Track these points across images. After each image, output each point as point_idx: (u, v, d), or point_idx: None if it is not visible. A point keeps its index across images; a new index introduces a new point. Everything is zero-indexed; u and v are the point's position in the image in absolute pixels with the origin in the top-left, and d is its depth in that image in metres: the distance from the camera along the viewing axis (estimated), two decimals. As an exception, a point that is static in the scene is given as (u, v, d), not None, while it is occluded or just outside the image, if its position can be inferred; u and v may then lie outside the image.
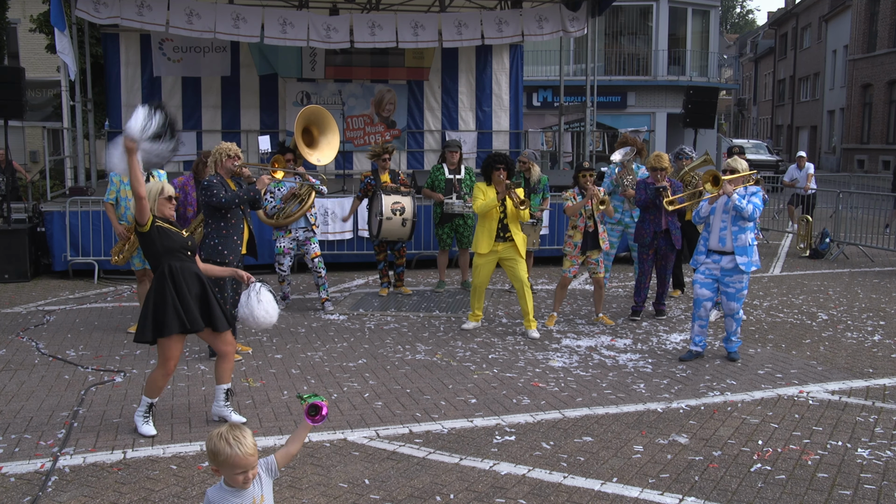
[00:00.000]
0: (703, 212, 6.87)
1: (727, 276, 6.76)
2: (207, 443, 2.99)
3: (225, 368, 5.34)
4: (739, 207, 6.58)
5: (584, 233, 7.98)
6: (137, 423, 5.15)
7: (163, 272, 5.06)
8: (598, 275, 8.11)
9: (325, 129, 8.66)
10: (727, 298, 6.83)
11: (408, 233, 9.05)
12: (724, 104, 60.13)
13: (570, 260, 8.04)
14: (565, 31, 13.09)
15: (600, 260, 8.09)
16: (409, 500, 4.23)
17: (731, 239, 6.70)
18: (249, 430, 3.03)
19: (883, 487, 4.41)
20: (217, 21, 11.67)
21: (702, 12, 30.47)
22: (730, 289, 6.78)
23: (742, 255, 6.66)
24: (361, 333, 7.79)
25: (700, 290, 6.89)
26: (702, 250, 6.90)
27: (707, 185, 6.73)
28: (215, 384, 5.37)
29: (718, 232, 6.75)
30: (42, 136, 13.82)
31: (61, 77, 11.80)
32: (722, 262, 6.76)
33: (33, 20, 18.03)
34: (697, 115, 12.61)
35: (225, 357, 5.33)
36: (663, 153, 8.28)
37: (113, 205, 7.72)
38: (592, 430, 5.24)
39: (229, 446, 2.91)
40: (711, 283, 6.85)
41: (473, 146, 15.48)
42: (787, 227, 15.79)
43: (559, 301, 8.18)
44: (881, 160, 32.43)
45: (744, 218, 6.63)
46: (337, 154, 14.31)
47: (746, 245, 6.68)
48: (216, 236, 6.69)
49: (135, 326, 7.77)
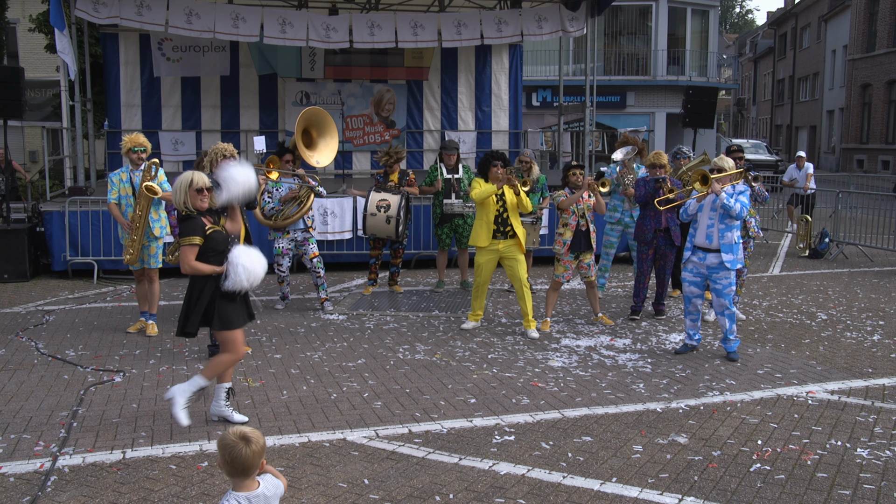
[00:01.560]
0: (691, 209, 6.93)
1: (714, 273, 6.86)
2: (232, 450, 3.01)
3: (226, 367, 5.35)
4: (727, 206, 6.66)
5: (575, 232, 7.86)
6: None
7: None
8: (589, 278, 8.07)
9: (325, 130, 8.69)
10: (716, 295, 6.90)
11: (393, 230, 9.03)
12: (724, 104, 60.14)
13: (563, 265, 7.93)
14: (564, 31, 13.09)
15: (592, 263, 8.00)
16: (409, 499, 4.23)
17: (717, 236, 6.79)
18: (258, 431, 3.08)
19: (882, 487, 4.41)
20: (216, 21, 11.66)
21: (701, 12, 30.46)
22: (717, 285, 6.86)
23: (728, 253, 6.76)
24: (361, 333, 7.79)
25: (689, 287, 7.02)
26: (689, 247, 7.01)
27: (696, 184, 6.77)
28: (216, 383, 5.37)
29: (706, 229, 6.84)
30: (41, 135, 13.83)
31: (61, 77, 11.79)
32: (707, 259, 6.85)
33: (32, 20, 18.01)
34: (697, 114, 12.62)
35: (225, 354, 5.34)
36: (662, 151, 8.32)
37: (116, 204, 7.78)
38: (592, 429, 5.24)
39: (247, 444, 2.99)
40: (700, 280, 6.98)
41: (473, 146, 15.48)
42: (786, 227, 15.80)
43: (551, 305, 8.11)
44: (880, 160, 32.44)
45: (730, 216, 6.72)
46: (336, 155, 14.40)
47: (732, 243, 6.78)
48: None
49: (135, 326, 7.82)
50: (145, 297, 7.84)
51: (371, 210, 9.02)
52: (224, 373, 5.33)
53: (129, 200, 7.69)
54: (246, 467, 2.97)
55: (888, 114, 32.54)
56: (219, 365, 5.26)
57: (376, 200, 9.05)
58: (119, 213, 7.79)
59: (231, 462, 2.96)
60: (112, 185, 7.81)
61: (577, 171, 7.88)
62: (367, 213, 9.04)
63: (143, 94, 14.19)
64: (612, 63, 29.66)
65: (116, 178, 7.80)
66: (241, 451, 2.95)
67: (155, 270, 7.72)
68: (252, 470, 3.00)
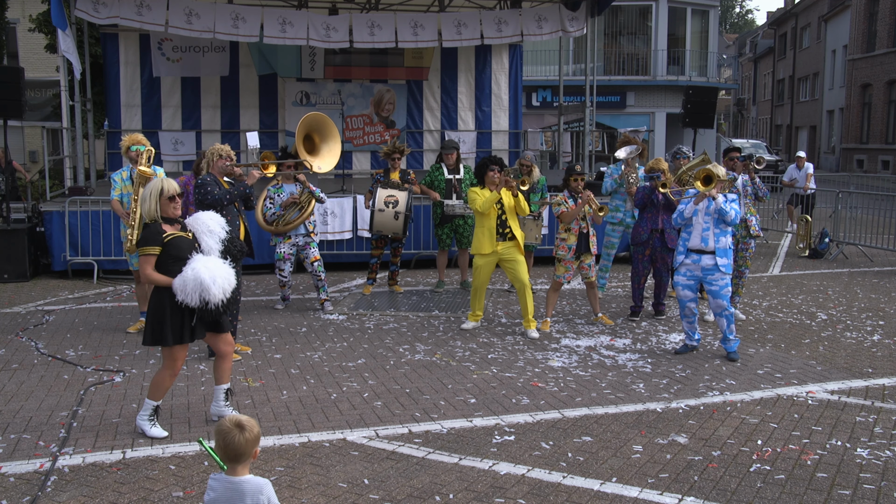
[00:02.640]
0: (687, 213, 6.95)
1: (709, 275, 6.92)
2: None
3: (224, 368, 5.34)
4: (724, 212, 6.77)
5: (577, 234, 7.89)
6: (144, 428, 5.08)
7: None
8: (590, 279, 8.07)
9: (327, 136, 8.66)
10: (713, 297, 6.93)
11: (401, 227, 9.03)
12: (724, 104, 60.13)
13: (564, 266, 7.95)
14: (564, 31, 13.09)
15: (592, 264, 8.01)
16: (409, 499, 4.23)
17: (713, 240, 6.88)
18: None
19: (882, 487, 4.41)
20: (216, 21, 11.67)
21: (701, 12, 30.46)
22: (713, 286, 6.90)
23: (723, 258, 6.89)
24: (361, 333, 7.79)
25: (683, 291, 7.07)
26: (681, 251, 7.06)
27: (698, 182, 6.77)
28: (214, 384, 5.37)
29: (701, 233, 6.92)
30: (41, 135, 13.81)
31: (61, 77, 11.78)
32: (702, 260, 6.92)
33: (32, 20, 18.01)
34: (697, 114, 12.61)
35: (224, 357, 5.32)
36: (662, 158, 8.41)
37: (119, 201, 7.99)
38: (592, 429, 5.24)
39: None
40: (693, 283, 7.04)
41: (473, 146, 15.48)
42: (786, 227, 15.80)
43: (552, 305, 8.11)
44: (880, 160, 32.44)
45: (724, 222, 6.84)
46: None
47: (727, 248, 6.93)
48: None
49: (135, 326, 7.82)
50: (145, 297, 7.83)
51: (379, 206, 8.96)
52: (222, 374, 5.33)
53: (131, 198, 7.73)
54: (238, 454, 3.02)
55: (888, 114, 32.53)
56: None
57: (384, 196, 9.00)
58: (121, 207, 7.98)
59: (224, 448, 3.02)
60: (115, 184, 8.05)
61: (580, 178, 7.86)
62: (375, 210, 8.97)
63: (143, 94, 14.20)
64: (612, 63, 29.65)
65: (118, 177, 8.05)
66: (234, 437, 3.01)
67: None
68: (244, 457, 3.04)
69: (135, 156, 7.68)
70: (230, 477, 3.04)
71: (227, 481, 3.04)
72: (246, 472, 3.08)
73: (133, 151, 7.68)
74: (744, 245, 8.17)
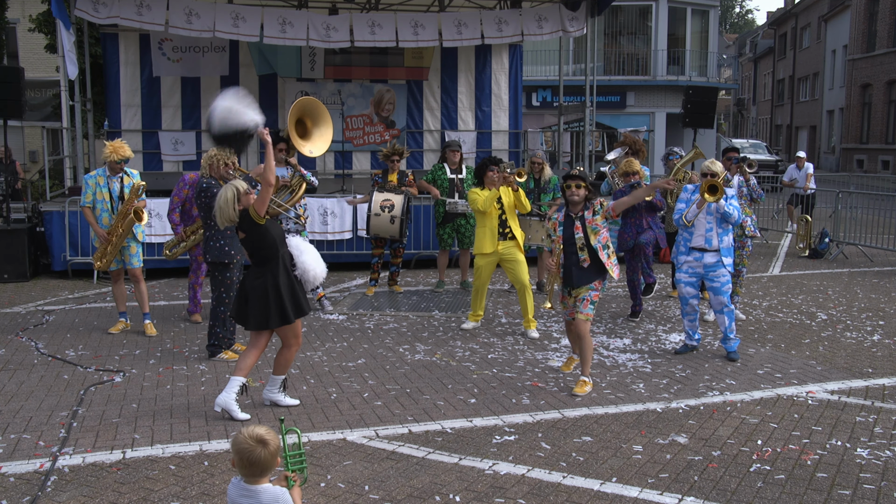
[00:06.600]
0: (690, 215, 6.94)
1: (710, 272, 6.98)
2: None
3: (288, 359, 5.56)
4: (727, 213, 6.84)
5: (565, 266, 6.25)
6: (231, 408, 5.33)
7: (280, 260, 5.38)
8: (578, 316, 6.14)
9: (319, 120, 8.65)
10: (714, 293, 6.98)
11: (397, 230, 9.06)
12: (724, 104, 60.12)
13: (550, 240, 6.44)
14: (565, 31, 13.09)
15: (587, 298, 6.12)
16: (409, 500, 4.23)
17: (716, 239, 6.94)
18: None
19: (882, 487, 4.41)
20: (216, 20, 11.66)
21: (701, 12, 30.46)
22: (715, 283, 6.96)
23: (727, 256, 6.98)
24: (361, 333, 7.79)
25: (685, 288, 7.11)
26: (682, 250, 7.11)
27: (706, 194, 6.74)
28: (273, 374, 5.60)
29: (704, 232, 6.98)
30: (41, 135, 13.83)
31: (61, 77, 11.80)
32: (705, 258, 6.99)
33: (32, 20, 18.02)
34: (697, 114, 12.62)
35: (290, 347, 5.54)
36: (634, 160, 8.55)
37: (90, 208, 7.56)
38: (592, 429, 5.24)
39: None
40: (696, 280, 7.10)
41: (473, 146, 15.47)
42: (786, 227, 15.80)
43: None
44: (880, 160, 32.43)
45: (727, 221, 6.90)
46: (336, 154, 14.38)
47: (730, 247, 7.02)
48: (220, 238, 6.69)
49: (115, 328, 7.76)
50: (123, 297, 7.84)
51: (375, 210, 9.03)
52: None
53: (106, 206, 7.52)
54: (263, 469, 3.05)
55: (888, 114, 32.53)
56: (288, 359, 5.56)
57: (380, 201, 9.07)
58: (93, 218, 7.52)
59: (249, 465, 3.04)
60: (87, 188, 7.54)
61: (573, 183, 6.14)
62: (371, 214, 9.05)
63: (143, 94, 14.17)
64: (612, 63, 29.65)
65: (92, 182, 7.53)
66: (259, 454, 3.02)
67: (138, 269, 7.69)
68: (269, 470, 3.08)
69: (117, 167, 7.50)
70: (248, 486, 3.06)
71: (245, 489, 3.06)
72: (266, 481, 3.09)
73: (118, 164, 7.45)
74: (740, 244, 8.17)
